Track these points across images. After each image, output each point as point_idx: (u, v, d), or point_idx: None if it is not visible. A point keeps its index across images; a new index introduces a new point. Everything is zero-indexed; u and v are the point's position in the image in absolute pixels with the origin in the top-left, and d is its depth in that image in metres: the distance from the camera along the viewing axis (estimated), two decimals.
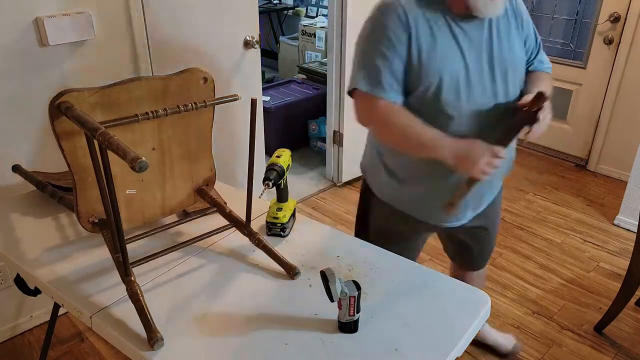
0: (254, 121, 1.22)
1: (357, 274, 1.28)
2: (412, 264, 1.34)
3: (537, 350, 2.14)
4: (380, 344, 1.08)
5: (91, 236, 1.39)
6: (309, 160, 3.73)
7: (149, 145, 1.27)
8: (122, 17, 2.06)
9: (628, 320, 2.29)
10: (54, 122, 1.11)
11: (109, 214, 1.04)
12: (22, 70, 1.88)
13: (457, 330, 1.12)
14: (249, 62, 2.55)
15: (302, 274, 1.27)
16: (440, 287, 1.26)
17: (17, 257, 1.35)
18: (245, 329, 1.11)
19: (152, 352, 1.05)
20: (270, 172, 1.34)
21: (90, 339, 2.17)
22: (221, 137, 1.55)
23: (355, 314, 1.08)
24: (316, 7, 5.25)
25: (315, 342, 1.08)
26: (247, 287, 1.24)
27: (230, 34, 2.45)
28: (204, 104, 1.22)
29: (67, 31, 1.89)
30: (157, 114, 1.16)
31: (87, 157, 1.03)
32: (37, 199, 1.60)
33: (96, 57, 2.03)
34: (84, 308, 1.17)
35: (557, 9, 3.59)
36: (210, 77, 1.28)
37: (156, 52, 2.20)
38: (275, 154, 1.40)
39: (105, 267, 1.29)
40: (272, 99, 3.77)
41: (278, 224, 1.41)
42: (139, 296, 1.12)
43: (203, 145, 1.37)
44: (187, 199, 1.43)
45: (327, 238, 1.43)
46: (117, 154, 0.89)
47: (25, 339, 2.19)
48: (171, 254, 1.30)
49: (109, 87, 1.15)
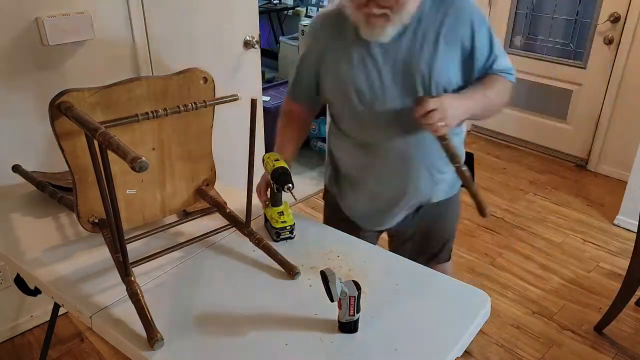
0: (254, 121, 1.22)
1: (357, 274, 1.28)
2: (412, 264, 1.34)
3: (537, 350, 2.14)
4: (380, 344, 1.08)
5: (91, 236, 1.39)
6: (309, 160, 3.72)
7: (149, 145, 1.27)
8: (122, 17, 2.06)
9: (628, 320, 2.28)
10: (54, 122, 1.11)
11: (109, 214, 1.04)
12: (22, 70, 1.88)
13: (457, 330, 1.12)
14: (249, 62, 2.55)
15: (302, 274, 1.27)
16: (440, 287, 1.26)
17: (17, 257, 1.35)
18: (245, 329, 1.11)
19: (152, 352, 1.05)
20: (285, 175, 1.34)
21: (90, 339, 2.17)
22: (221, 137, 1.54)
23: (355, 314, 1.07)
24: (316, 7, 5.25)
25: (315, 342, 1.08)
26: (247, 287, 1.24)
27: (230, 34, 2.45)
28: (204, 104, 1.22)
29: (67, 31, 1.89)
30: (157, 114, 1.16)
31: (87, 157, 1.03)
32: (37, 199, 1.60)
33: (96, 57, 2.03)
34: (84, 308, 1.17)
35: (557, 9, 3.59)
36: (210, 77, 1.28)
37: (156, 52, 2.20)
38: (272, 159, 1.39)
39: (105, 267, 1.29)
40: (272, 99, 3.77)
41: (287, 227, 1.40)
42: (139, 296, 1.12)
43: (203, 145, 1.37)
44: (187, 199, 1.43)
45: (327, 238, 1.43)
46: (117, 154, 0.89)
47: (25, 339, 2.19)
48: (171, 254, 1.30)
49: (109, 87, 1.15)
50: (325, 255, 1.35)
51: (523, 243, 2.85)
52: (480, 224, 3.02)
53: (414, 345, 1.08)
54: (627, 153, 3.32)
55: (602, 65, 3.44)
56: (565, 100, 3.69)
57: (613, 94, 3.42)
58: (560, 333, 2.23)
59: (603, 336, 2.21)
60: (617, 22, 3.30)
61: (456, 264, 2.67)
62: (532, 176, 3.59)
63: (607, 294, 2.44)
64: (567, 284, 2.54)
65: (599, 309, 2.35)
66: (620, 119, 3.44)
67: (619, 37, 3.31)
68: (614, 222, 3.03)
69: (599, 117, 3.54)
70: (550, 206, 3.22)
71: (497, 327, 2.25)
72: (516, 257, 2.73)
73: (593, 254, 2.76)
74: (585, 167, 3.70)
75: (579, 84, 3.59)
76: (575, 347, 2.16)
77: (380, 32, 1.29)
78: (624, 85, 3.36)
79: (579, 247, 2.82)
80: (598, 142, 3.59)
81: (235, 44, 2.48)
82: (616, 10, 3.28)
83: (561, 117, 3.75)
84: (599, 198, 3.32)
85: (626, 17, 3.25)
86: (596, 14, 3.38)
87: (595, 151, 3.62)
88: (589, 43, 3.47)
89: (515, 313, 2.34)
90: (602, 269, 2.65)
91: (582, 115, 3.64)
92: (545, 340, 2.19)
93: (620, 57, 3.32)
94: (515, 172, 3.66)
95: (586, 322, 2.29)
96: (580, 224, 3.04)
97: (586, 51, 3.50)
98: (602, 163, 3.62)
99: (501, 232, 2.95)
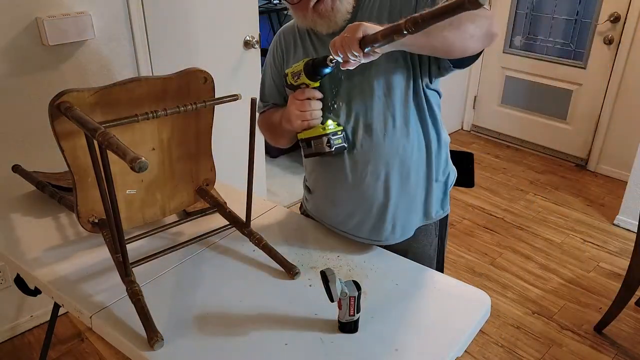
0: (254, 121, 1.22)
1: (357, 274, 1.28)
2: (412, 264, 1.34)
3: (537, 350, 2.14)
4: (380, 344, 1.08)
5: (91, 236, 1.39)
6: None
7: (149, 145, 1.27)
8: (122, 17, 2.06)
9: (628, 320, 2.28)
10: (53, 122, 1.10)
11: (109, 214, 1.04)
12: (22, 70, 1.88)
13: (457, 330, 1.12)
14: (249, 62, 2.55)
15: (302, 274, 1.27)
16: (440, 287, 1.26)
17: (17, 257, 1.35)
18: (245, 329, 1.11)
19: (152, 352, 1.05)
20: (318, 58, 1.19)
21: (90, 339, 2.17)
22: (221, 137, 1.55)
23: (355, 314, 1.07)
24: None
25: (315, 342, 1.08)
26: (247, 287, 1.24)
27: (230, 34, 2.45)
28: (203, 104, 1.22)
29: (67, 31, 1.89)
30: (157, 114, 1.16)
31: (87, 157, 1.03)
32: (37, 199, 1.60)
33: (96, 57, 2.03)
34: (84, 308, 1.17)
35: (557, 9, 3.59)
36: (210, 77, 1.28)
37: (156, 52, 2.20)
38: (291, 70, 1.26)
39: (105, 267, 1.28)
40: None
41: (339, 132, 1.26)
42: (139, 296, 1.12)
43: (203, 145, 1.37)
44: (187, 199, 1.43)
45: (327, 238, 1.43)
46: (116, 154, 0.89)
47: (25, 339, 2.19)
48: (171, 254, 1.30)
49: (109, 87, 1.15)
50: (325, 255, 1.35)
51: (523, 243, 2.85)
52: (480, 224, 3.02)
53: (414, 345, 1.08)
54: (627, 153, 3.33)
55: (602, 65, 3.44)
56: (565, 100, 3.69)
57: (613, 94, 3.42)
58: (560, 333, 2.23)
59: (603, 336, 2.21)
60: (617, 22, 3.30)
61: (456, 264, 2.67)
62: (532, 176, 3.59)
63: (607, 294, 2.44)
64: (567, 284, 2.54)
65: (599, 309, 2.35)
66: (620, 119, 3.44)
67: (619, 37, 3.31)
68: (614, 222, 3.03)
69: (599, 117, 3.54)
70: (550, 206, 3.22)
71: (497, 327, 2.25)
72: (516, 257, 2.73)
73: (593, 254, 2.76)
74: (585, 167, 3.70)
75: (579, 84, 3.59)
76: (575, 347, 2.16)
77: (336, 15, 1.21)
78: (624, 85, 3.36)
79: (579, 247, 2.82)
80: (598, 142, 3.59)
81: (235, 44, 2.48)
82: (616, 10, 3.28)
83: (561, 117, 3.75)
84: (599, 198, 3.32)
85: (626, 17, 3.25)
86: (596, 14, 3.38)
87: (595, 151, 3.62)
88: (589, 43, 3.47)
89: (515, 313, 2.34)
90: (602, 269, 2.65)
91: (582, 115, 3.64)
92: (545, 340, 2.19)
93: (620, 57, 3.32)
94: (515, 172, 3.66)
95: (586, 322, 2.29)
96: (580, 224, 3.04)
97: (586, 51, 3.50)
98: (602, 163, 3.62)
99: (501, 232, 2.95)
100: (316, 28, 1.27)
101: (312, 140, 1.28)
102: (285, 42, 1.40)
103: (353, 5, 1.25)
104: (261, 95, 1.49)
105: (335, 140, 1.26)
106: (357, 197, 1.33)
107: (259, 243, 1.33)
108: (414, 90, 1.28)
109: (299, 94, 1.26)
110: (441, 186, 1.40)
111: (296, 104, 1.26)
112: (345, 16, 1.24)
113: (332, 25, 1.24)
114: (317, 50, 1.31)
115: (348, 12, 1.24)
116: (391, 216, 1.34)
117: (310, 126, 1.27)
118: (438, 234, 1.47)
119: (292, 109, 1.27)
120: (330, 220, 1.43)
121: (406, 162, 1.30)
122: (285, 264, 1.28)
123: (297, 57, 1.34)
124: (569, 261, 2.70)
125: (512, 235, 2.92)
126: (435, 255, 1.50)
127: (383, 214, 1.34)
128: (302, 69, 1.22)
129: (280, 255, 1.30)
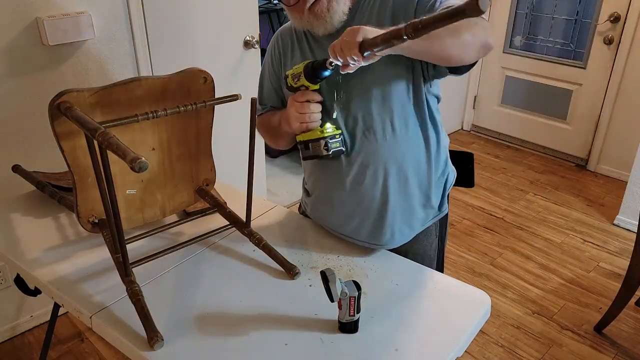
0: (254, 121, 1.22)
1: (357, 274, 1.28)
2: (412, 264, 1.34)
3: (537, 350, 2.14)
4: (380, 344, 1.08)
5: (91, 236, 1.39)
6: None
7: (149, 145, 1.27)
8: (122, 17, 2.06)
9: (628, 320, 2.29)
10: (53, 122, 1.10)
11: (109, 214, 1.04)
12: (22, 70, 1.88)
13: (457, 330, 1.12)
14: (249, 62, 2.55)
15: (302, 274, 1.27)
16: (440, 287, 1.25)
17: (17, 257, 1.35)
18: (245, 329, 1.11)
19: (152, 352, 1.05)
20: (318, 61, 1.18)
21: (90, 339, 2.17)
22: (221, 137, 1.55)
23: (355, 314, 1.07)
24: None
25: (315, 342, 1.08)
26: (247, 287, 1.24)
27: (230, 34, 2.45)
28: (203, 104, 1.22)
29: (67, 31, 1.89)
30: (157, 114, 1.16)
31: (87, 157, 1.03)
32: (37, 199, 1.60)
33: (96, 57, 2.03)
34: (84, 308, 1.17)
35: (557, 9, 3.59)
36: (210, 77, 1.28)
37: (156, 52, 2.20)
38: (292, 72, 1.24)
39: (105, 267, 1.28)
40: None
41: (336, 135, 1.25)
42: (139, 296, 1.12)
43: (203, 145, 1.37)
44: (187, 199, 1.43)
45: (327, 238, 1.43)
46: (116, 154, 0.89)
47: (25, 339, 2.19)
48: (171, 254, 1.30)
49: (109, 87, 1.15)
50: (325, 256, 1.35)
51: (523, 243, 2.85)
52: (480, 224, 3.02)
53: (414, 345, 1.08)
54: (627, 153, 3.33)
55: (602, 65, 3.44)
56: (565, 100, 3.69)
57: (613, 94, 3.42)
58: (560, 333, 2.23)
59: (603, 336, 2.21)
60: (617, 22, 3.30)
61: (456, 264, 2.67)
62: (532, 176, 3.59)
63: (607, 294, 2.44)
64: (567, 283, 2.54)
65: (599, 309, 2.35)
66: (620, 119, 3.44)
67: (619, 37, 3.31)
68: (614, 222, 3.03)
69: (599, 117, 3.54)
70: (550, 206, 3.22)
71: (497, 327, 2.25)
72: (516, 257, 2.73)
73: (593, 254, 2.76)
74: (585, 167, 3.70)
75: (579, 84, 3.59)
76: (575, 347, 2.16)
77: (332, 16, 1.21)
78: (624, 85, 3.36)
79: (579, 247, 2.82)
80: (598, 142, 3.59)
81: (235, 44, 2.48)
82: (616, 10, 3.28)
83: (561, 117, 3.75)
84: (599, 198, 3.32)
85: (626, 17, 3.25)
86: (596, 14, 3.38)
87: (595, 151, 3.62)
88: (589, 43, 3.47)
89: (515, 313, 2.34)
90: (602, 269, 2.65)
91: (582, 115, 3.64)
92: (545, 340, 2.19)
93: (620, 57, 3.32)
94: (515, 172, 3.66)
95: (586, 322, 2.29)
96: (580, 224, 3.04)
97: (586, 51, 3.50)
98: (602, 163, 3.62)
99: (501, 232, 2.95)
100: (312, 29, 1.27)
101: (310, 142, 1.28)
102: (283, 43, 1.40)
103: (349, 7, 1.24)
104: (259, 98, 1.49)
105: (333, 143, 1.26)
106: (356, 199, 1.33)
107: (259, 243, 1.33)
108: (414, 94, 1.28)
109: (298, 95, 1.26)
110: (440, 188, 1.40)
111: (295, 106, 1.26)
112: (341, 17, 1.23)
113: (328, 27, 1.24)
114: (314, 52, 1.31)
115: (344, 13, 1.24)
116: (390, 219, 1.34)
117: (308, 129, 1.27)
118: (438, 234, 1.47)
119: (292, 110, 1.27)
120: (329, 222, 1.43)
121: (405, 165, 1.30)
122: (286, 264, 1.28)
123: (295, 59, 1.34)
124: (569, 261, 2.70)
125: (512, 235, 2.92)
126: (435, 256, 1.50)
127: (382, 217, 1.34)
128: (302, 71, 1.22)
129: (280, 255, 1.30)
